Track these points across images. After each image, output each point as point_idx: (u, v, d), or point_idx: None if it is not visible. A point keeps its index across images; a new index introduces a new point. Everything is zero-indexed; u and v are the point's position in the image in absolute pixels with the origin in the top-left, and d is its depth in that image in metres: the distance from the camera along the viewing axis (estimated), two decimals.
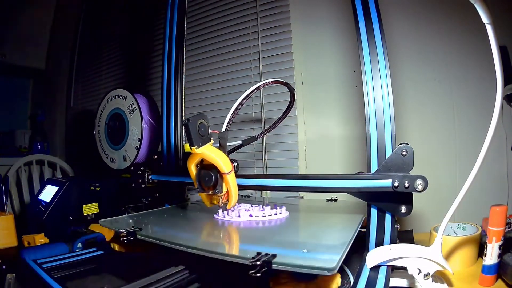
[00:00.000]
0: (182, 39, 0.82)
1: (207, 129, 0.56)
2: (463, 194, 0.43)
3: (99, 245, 0.68)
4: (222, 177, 0.55)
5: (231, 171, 0.55)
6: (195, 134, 0.53)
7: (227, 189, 0.57)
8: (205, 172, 0.56)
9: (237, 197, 0.58)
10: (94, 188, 0.97)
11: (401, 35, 0.90)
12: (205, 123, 0.55)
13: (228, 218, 0.61)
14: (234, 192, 0.57)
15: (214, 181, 0.55)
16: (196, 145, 0.53)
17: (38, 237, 0.74)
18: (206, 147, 0.54)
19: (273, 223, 0.59)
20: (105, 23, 1.72)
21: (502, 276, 0.49)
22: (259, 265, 0.35)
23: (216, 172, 0.55)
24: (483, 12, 0.41)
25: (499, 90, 0.41)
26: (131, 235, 0.51)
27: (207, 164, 0.56)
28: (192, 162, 0.58)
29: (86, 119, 1.73)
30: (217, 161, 0.54)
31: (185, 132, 0.53)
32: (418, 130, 0.89)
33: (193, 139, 0.52)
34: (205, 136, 0.55)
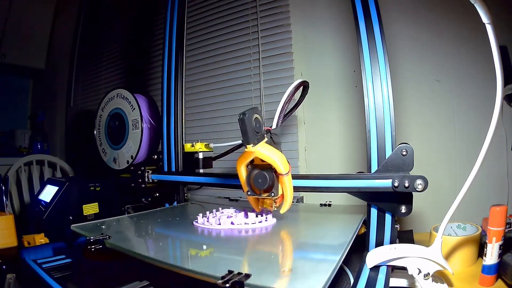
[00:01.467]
0: (182, 39, 0.82)
1: (262, 125, 0.49)
2: (463, 194, 0.43)
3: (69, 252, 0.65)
4: (278, 179, 0.50)
5: (289, 172, 0.49)
6: (251, 130, 0.46)
7: (282, 192, 0.51)
8: (259, 173, 0.50)
9: (291, 200, 0.52)
10: (94, 188, 0.97)
11: (401, 35, 0.90)
12: (259, 118, 0.48)
13: (207, 226, 0.56)
14: (291, 195, 0.51)
15: (269, 183, 0.49)
16: (252, 143, 0.47)
17: (38, 237, 0.74)
18: (262, 145, 0.48)
19: (256, 231, 0.53)
20: (105, 23, 1.72)
21: (502, 276, 0.49)
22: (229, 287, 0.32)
23: (272, 173, 0.50)
24: (483, 12, 0.41)
25: (499, 90, 0.41)
26: (99, 243, 0.48)
27: (259, 164, 0.51)
28: (243, 162, 0.52)
29: (86, 119, 1.73)
30: (275, 161, 0.48)
31: (241, 128, 0.46)
32: (418, 130, 0.89)
33: (249, 136, 0.46)
34: (260, 133, 0.48)
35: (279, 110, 0.54)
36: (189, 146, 0.82)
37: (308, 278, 0.33)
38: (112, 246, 0.47)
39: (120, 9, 1.65)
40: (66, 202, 0.91)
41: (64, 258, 0.61)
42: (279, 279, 0.33)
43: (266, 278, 0.33)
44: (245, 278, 0.32)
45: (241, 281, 0.32)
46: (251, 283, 0.32)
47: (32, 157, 1.52)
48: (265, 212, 0.59)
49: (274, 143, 0.52)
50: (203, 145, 0.83)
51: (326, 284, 0.31)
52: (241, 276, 0.33)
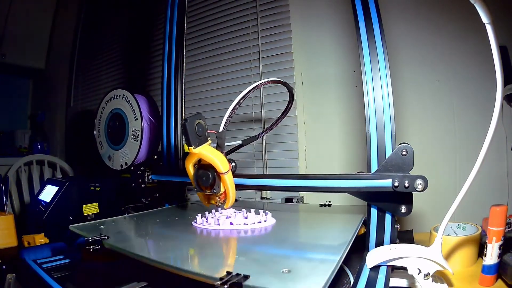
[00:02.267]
0: (182, 38, 0.82)
1: (205, 129, 0.56)
2: (463, 194, 0.43)
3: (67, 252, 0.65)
4: (220, 177, 0.55)
5: (228, 171, 0.55)
6: (193, 134, 0.53)
7: (224, 189, 0.57)
8: (203, 171, 0.56)
9: (234, 196, 0.57)
10: (94, 188, 0.97)
11: (401, 35, 0.90)
12: (202, 123, 0.55)
13: (206, 226, 0.57)
14: (232, 192, 0.57)
15: (211, 180, 0.55)
16: (194, 145, 0.53)
17: (38, 237, 0.74)
18: (204, 147, 0.54)
19: (256, 232, 0.54)
20: (105, 23, 1.72)
21: (502, 276, 0.49)
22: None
23: (214, 172, 0.55)
24: (483, 12, 0.41)
25: (499, 90, 0.41)
26: (98, 243, 0.48)
27: (204, 164, 0.57)
28: (189, 162, 0.58)
29: (86, 119, 1.73)
30: (214, 161, 0.54)
31: (183, 132, 0.53)
32: (418, 130, 0.89)
33: (191, 139, 0.53)
34: (203, 136, 0.55)
35: (226, 116, 0.60)
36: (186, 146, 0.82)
37: (307, 279, 0.33)
38: (111, 247, 0.47)
39: (120, 9, 1.65)
40: (66, 202, 0.91)
41: (64, 258, 0.61)
42: (278, 280, 0.33)
43: (265, 280, 0.33)
44: (243, 279, 0.32)
45: (240, 282, 0.31)
46: (250, 284, 0.31)
47: (32, 157, 1.52)
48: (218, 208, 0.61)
49: (218, 145, 0.58)
50: None
51: (326, 285, 0.31)
52: (240, 277, 0.32)
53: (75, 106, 1.85)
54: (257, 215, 0.59)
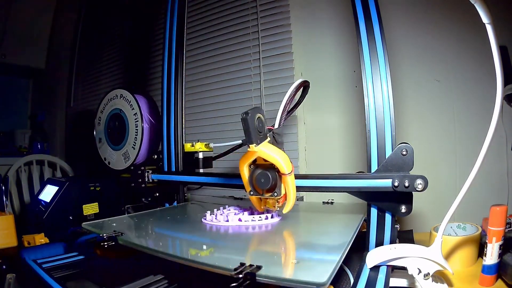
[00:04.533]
0: (182, 39, 0.82)
1: (265, 125, 0.49)
2: (463, 194, 0.43)
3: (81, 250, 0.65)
4: (281, 178, 0.50)
5: (291, 172, 0.49)
6: (254, 130, 0.46)
7: (285, 192, 0.51)
8: (262, 172, 0.50)
9: (295, 200, 0.52)
10: (94, 188, 0.97)
11: (401, 35, 0.90)
12: (262, 117, 0.48)
13: (216, 223, 0.57)
14: (293, 194, 0.51)
15: (272, 183, 0.49)
16: (255, 142, 0.46)
17: (38, 237, 0.74)
18: (265, 145, 0.48)
19: (263, 228, 0.55)
20: (105, 23, 1.72)
21: (502, 276, 0.49)
22: (242, 278, 0.33)
23: (275, 172, 0.49)
24: (483, 12, 0.41)
25: (499, 90, 0.41)
26: (112, 239, 0.49)
27: (262, 164, 0.51)
28: (245, 162, 0.51)
29: (86, 119, 1.73)
30: (278, 161, 0.48)
31: (244, 127, 0.46)
32: (418, 130, 0.89)
33: (252, 136, 0.46)
34: (263, 133, 0.48)
35: (281, 110, 0.54)
36: (189, 146, 0.82)
37: (316, 268, 0.35)
38: (125, 243, 0.48)
39: (120, 9, 1.65)
40: (66, 202, 0.91)
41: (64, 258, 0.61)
42: (289, 270, 0.35)
43: (276, 269, 0.35)
44: (256, 269, 0.34)
45: (253, 272, 0.33)
46: (263, 273, 0.33)
47: (32, 157, 1.52)
48: (266, 212, 0.59)
49: (276, 142, 0.52)
50: (203, 145, 0.83)
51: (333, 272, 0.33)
52: (253, 267, 0.34)
53: (75, 106, 1.85)
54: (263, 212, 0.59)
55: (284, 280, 0.32)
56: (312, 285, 0.31)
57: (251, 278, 0.33)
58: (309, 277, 0.32)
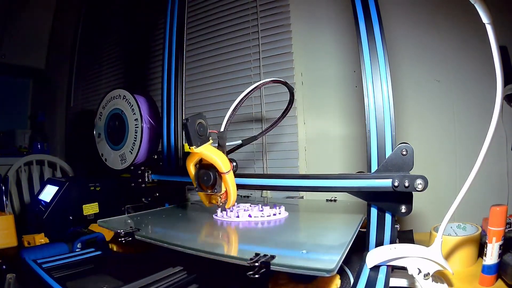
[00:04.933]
0: (182, 39, 0.82)
1: (206, 129, 0.56)
2: (463, 194, 0.43)
3: (97, 246, 0.68)
4: (221, 177, 0.56)
5: (229, 171, 0.55)
6: (194, 134, 0.53)
7: (225, 189, 0.57)
8: (204, 171, 0.56)
9: (235, 196, 0.58)
10: (94, 188, 0.97)
11: (401, 35, 0.90)
12: (203, 123, 0.55)
13: (226, 219, 0.61)
14: (233, 191, 0.57)
15: (212, 180, 0.55)
16: (195, 145, 0.53)
17: (38, 237, 0.74)
18: (205, 147, 0.54)
19: (272, 223, 0.59)
20: (105, 23, 1.72)
21: (502, 276, 0.49)
22: (258, 266, 0.35)
23: (215, 171, 0.55)
24: (483, 12, 0.41)
25: (499, 90, 0.41)
26: (129, 235, 0.51)
27: (206, 164, 0.57)
28: (191, 162, 0.58)
29: (86, 119, 1.73)
30: (216, 161, 0.54)
31: (184, 132, 0.53)
32: (418, 130, 0.89)
33: (192, 139, 0.53)
34: (204, 136, 0.55)
35: (228, 115, 0.60)
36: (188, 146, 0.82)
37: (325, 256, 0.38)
38: (144, 238, 0.50)
39: (120, 9, 1.65)
40: (66, 202, 0.91)
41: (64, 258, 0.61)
42: (300, 259, 0.38)
43: (289, 258, 0.38)
44: (270, 258, 0.36)
45: (268, 261, 0.36)
46: (277, 262, 0.36)
47: (32, 157, 1.52)
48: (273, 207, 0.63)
49: (219, 145, 0.58)
50: None
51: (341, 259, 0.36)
52: (267, 257, 0.37)
53: (75, 106, 1.85)
54: (272, 208, 0.63)
55: (296, 267, 0.35)
56: (322, 271, 0.33)
57: (266, 266, 0.35)
58: (319, 265, 0.35)
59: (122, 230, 0.51)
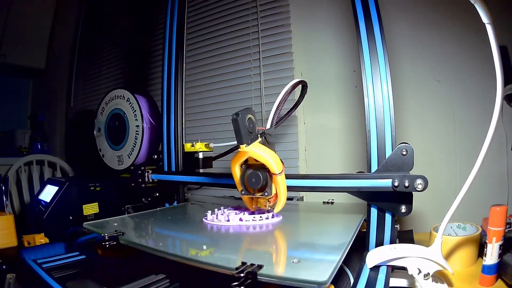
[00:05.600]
0: (182, 39, 0.82)
1: (255, 125, 0.50)
2: (463, 194, 0.43)
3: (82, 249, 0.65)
4: (272, 178, 0.51)
5: (282, 172, 0.50)
6: (244, 130, 0.47)
7: (276, 191, 0.52)
8: (253, 172, 0.50)
9: (285, 199, 0.53)
10: (94, 188, 0.97)
11: (401, 35, 0.90)
12: (253, 118, 0.49)
13: (217, 223, 0.58)
14: (284, 194, 0.52)
15: (263, 182, 0.50)
16: (246, 143, 0.47)
17: (38, 237, 0.74)
18: (255, 145, 0.49)
19: (264, 228, 0.55)
20: (105, 23, 1.72)
21: (502, 276, 0.49)
22: (244, 277, 0.33)
23: (266, 172, 0.50)
24: (483, 12, 0.41)
25: (499, 90, 0.41)
26: (114, 239, 0.49)
27: (253, 164, 0.51)
28: (237, 162, 0.52)
29: (86, 119, 1.73)
30: (268, 161, 0.48)
31: (234, 128, 0.47)
32: (418, 130, 0.89)
33: (243, 136, 0.47)
34: (254, 133, 0.49)
35: (274, 111, 0.55)
36: (189, 146, 0.82)
37: (316, 267, 0.35)
38: (127, 243, 0.48)
39: (120, 9, 1.65)
40: (66, 202, 0.91)
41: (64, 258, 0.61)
42: (289, 269, 0.35)
43: (277, 268, 0.35)
44: (257, 268, 0.34)
45: (254, 271, 0.33)
46: (264, 272, 0.33)
47: (32, 157, 1.52)
48: (258, 211, 0.60)
49: (268, 143, 0.52)
50: (203, 145, 0.83)
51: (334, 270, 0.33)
52: (254, 266, 0.34)
53: (75, 106, 1.85)
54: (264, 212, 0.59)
55: (285, 279, 0.32)
56: (312, 284, 0.31)
57: (253, 277, 0.33)
58: (310, 276, 0.32)
59: (106, 234, 0.49)
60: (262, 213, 0.59)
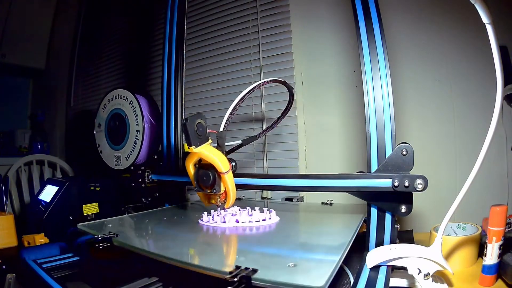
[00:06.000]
0: (182, 39, 0.82)
1: (205, 129, 0.56)
2: (463, 194, 0.43)
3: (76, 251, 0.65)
4: (220, 177, 0.56)
5: (228, 171, 0.55)
6: (193, 134, 0.53)
7: (225, 189, 0.57)
8: (203, 171, 0.56)
9: (235, 196, 0.58)
10: (94, 188, 0.97)
11: (401, 35, 0.90)
12: (203, 122, 0.55)
13: (212, 224, 0.58)
14: (232, 191, 0.57)
15: (212, 180, 0.55)
16: (194, 145, 0.53)
17: (38, 237, 0.74)
18: (204, 147, 0.54)
19: (261, 229, 0.55)
20: (105, 23, 1.72)
21: (502, 276, 0.49)
22: (237, 282, 0.32)
23: (214, 171, 0.55)
24: (483, 12, 0.41)
25: (499, 90, 0.41)
26: (107, 241, 0.49)
27: (205, 164, 0.57)
28: (190, 162, 0.58)
29: (86, 119, 1.73)
30: (215, 160, 0.54)
31: (183, 132, 0.54)
32: (418, 130, 0.89)
33: (191, 139, 0.53)
34: (203, 136, 0.55)
35: (227, 116, 0.60)
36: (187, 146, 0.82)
37: (313, 271, 0.34)
38: (120, 244, 0.48)
39: (120, 9, 1.65)
40: (66, 202, 0.91)
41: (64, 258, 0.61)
42: (285, 273, 0.34)
43: (272, 273, 0.34)
44: (252, 272, 0.33)
45: (249, 275, 0.33)
46: (258, 277, 0.33)
47: (32, 157, 1.52)
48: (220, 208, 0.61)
49: (218, 145, 0.58)
50: None
51: (331, 276, 0.32)
52: (249, 271, 0.34)
53: (75, 106, 1.85)
54: (261, 213, 0.60)
55: (280, 284, 0.32)
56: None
57: (247, 282, 0.32)
58: (306, 281, 0.31)
59: (99, 236, 0.49)
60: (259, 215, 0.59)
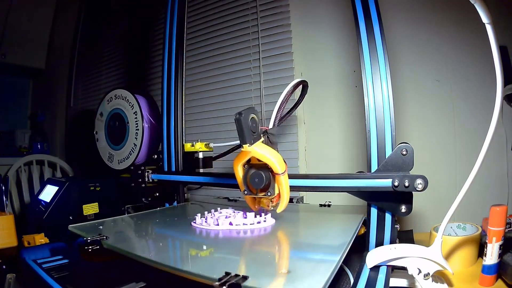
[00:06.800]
0: (182, 39, 0.82)
1: (258, 125, 0.49)
2: (463, 194, 0.43)
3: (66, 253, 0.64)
4: (275, 178, 0.50)
5: (285, 172, 0.50)
6: (247, 130, 0.46)
7: (278, 191, 0.52)
8: (256, 172, 0.50)
9: (288, 199, 0.53)
10: (94, 188, 0.97)
11: (401, 35, 0.90)
12: (256, 118, 0.49)
13: (205, 227, 0.55)
14: (287, 194, 0.51)
15: (266, 182, 0.49)
16: (249, 142, 0.47)
17: (38, 237, 0.74)
18: (258, 145, 0.48)
19: (255, 232, 0.53)
20: (105, 23, 1.72)
21: (502, 276, 0.49)
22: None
23: (269, 172, 0.50)
24: (483, 12, 0.41)
25: (499, 90, 0.41)
26: (97, 243, 0.47)
27: (256, 164, 0.51)
28: (239, 161, 0.52)
29: (86, 119, 1.73)
30: (271, 160, 0.48)
31: (237, 128, 0.46)
32: (418, 130, 0.89)
33: (245, 136, 0.46)
34: (256, 133, 0.49)
35: (276, 110, 0.54)
36: (189, 146, 0.82)
37: (306, 279, 0.33)
38: (109, 247, 0.47)
39: (120, 9, 1.65)
40: (66, 202, 0.91)
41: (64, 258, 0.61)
42: (277, 281, 0.33)
43: (264, 280, 0.32)
44: (242, 280, 0.32)
45: (238, 283, 0.31)
46: (248, 285, 0.31)
47: (32, 157, 1.52)
48: (262, 211, 0.58)
49: (270, 142, 0.52)
50: (203, 144, 0.83)
51: (325, 285, 0.31)
52: (238, 278, 0.32)
53: (75, 106, 1.85)
54: (256, 215, 0.57)
55: None
56: None
57: None
58: None
59: (89, 238, 0.48)
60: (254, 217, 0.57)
